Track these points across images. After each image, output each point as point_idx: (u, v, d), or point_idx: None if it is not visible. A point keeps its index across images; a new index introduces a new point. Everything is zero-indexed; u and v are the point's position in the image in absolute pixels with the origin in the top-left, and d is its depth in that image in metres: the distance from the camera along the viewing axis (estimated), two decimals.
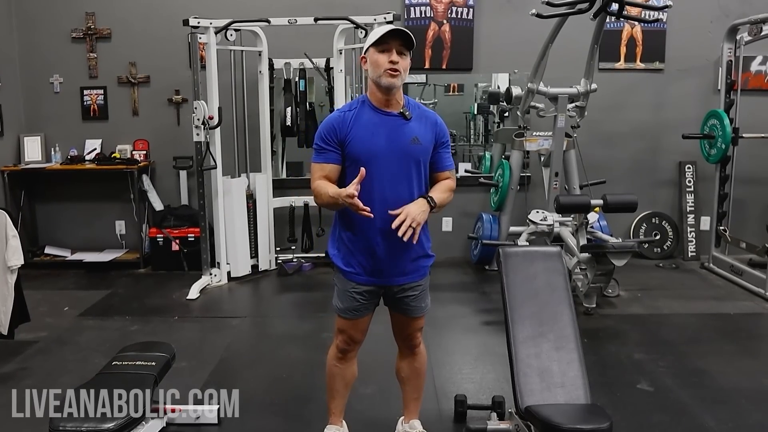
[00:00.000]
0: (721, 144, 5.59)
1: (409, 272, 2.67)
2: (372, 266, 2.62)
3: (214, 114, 5.32)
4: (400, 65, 2.49)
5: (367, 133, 2.54)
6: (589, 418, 2.53)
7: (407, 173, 2.56)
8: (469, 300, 5.22)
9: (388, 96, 2.55)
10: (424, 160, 2.61)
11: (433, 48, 6.08)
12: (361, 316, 2.73)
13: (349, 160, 2.55)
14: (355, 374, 2.92)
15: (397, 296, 2.70)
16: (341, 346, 2.81)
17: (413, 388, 2.97)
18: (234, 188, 5.65)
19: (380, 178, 2.52)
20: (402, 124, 2.57)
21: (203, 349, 4.24)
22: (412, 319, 2.78)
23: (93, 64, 6.17)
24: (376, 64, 2.50)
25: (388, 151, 2.53)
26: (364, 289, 2.66)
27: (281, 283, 5.73)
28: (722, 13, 6.03)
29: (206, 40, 5.30)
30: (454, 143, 6.31)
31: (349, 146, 2.53)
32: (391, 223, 2.45)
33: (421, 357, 2.92)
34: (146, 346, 3.28)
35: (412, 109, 2.61)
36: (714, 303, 5.12)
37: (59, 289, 5.55)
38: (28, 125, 6.24)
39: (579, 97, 5.36)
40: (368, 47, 2.55)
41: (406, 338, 2.86)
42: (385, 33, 2.48)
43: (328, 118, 2.62)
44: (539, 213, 5.33)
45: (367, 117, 2.56)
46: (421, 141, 2.58)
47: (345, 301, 2.70)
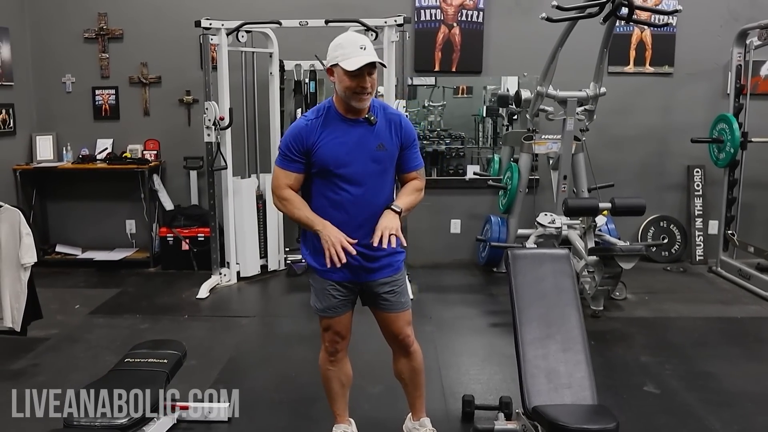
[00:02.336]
0: (730, 148, 5.59)
1: (383, 267, 2.73)
2: (346, 263, 2.60)
3: (225, 115, 5.36)
4: (370, 86, 2.54)
5: (335, 141, 2.58)
6: (596, 419, 2.55)
7: (374, 178, 2.64)
8: (477, 302, 5.24)
9: (355, 110, 2.61)
10: (390, 164, 2.69)
11: (443, 51, 6.10)
12: (342, 313, 2.78)
13: (316, 167, 2.60)
14: (349, 374, 2.96)
15: (375, 292, 2.75)
16: (329, 348, 2.85)
17: (415, 387, 3.00)
18: (244, 189, 5.69)
19: (348, 184, 2.60)
20: (368, 131, 2.62)
21: (213, 348, 4.27)
22: (395, 314, 2.81)
23: (105, 64, 6.23)
24: (344, 84, 2.52)
25: (355, 157, 2.59)
26: (339, 285, 2.72)
27: (290, 283, 5.77)
28: (732, 18, 6.03)
29: (218, 41, 5.33)
30: (463, 145, 6.34)
31: (316, 155, 2.58)
32: (363, 226, 2.59)
33: (417, 356, 2.94)
34: (158, 344, 3.32)
35: (376, 113, 2.65)
36: (721, 307, 5.13)
37: (70, 287, 5.60)
38: (40, 124, 6.30)
39: (588, 100, 5.37)
40: (336, 64, 2.53)
41: (396, 337, 2.87)
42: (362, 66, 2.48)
43: (294, 127, 2.66)
44: (548, 216, 5.34)
45: (334, 125, 2.61)
46: (387, 147, 2.64)
47: (323, 300, 2.76)
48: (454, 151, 6.34)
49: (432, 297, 5.25)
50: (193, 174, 6.24)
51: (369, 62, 2.48)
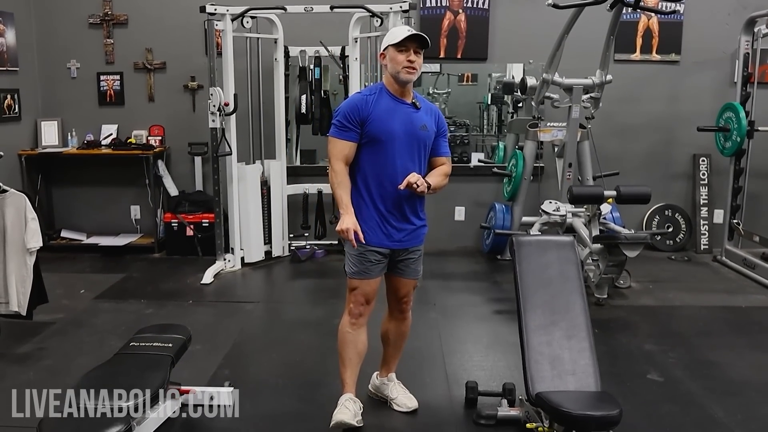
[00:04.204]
0: (736, 137, 5.57)
1: (414, 237, 3.04)
2: (385, 230, 2.96)
3: (230, 101, 5.36)
4: (416, 63, 2.89)
5: (386, 116, 2.92)
6: (599, 405, 2.57)
7: (417, 153, 2.97)
8: (481, 289, 5.24)
9: (403, 88, 2.96)
10: (428, 144, 3.02)
11: (448, 37, 6.08)
12: (373, 277, 3.00)
13: (367, 137, 2.92)
14: (365, 344, 3.09)
15: (401, 259, 3.04)
16: (354, 310, 3.02)
17: (396, 349, 3.28)
18: (248, 175, 5.69)
19: (394, 156, 2.91)
20: (413, 112, 2.98)
21: (217, 333, 4.28)
22: (409, 280, 3.11)
23: (110, 50, 6.22)
24: (395, 61, 2.88)
25: (402, 133, 2.93)
26: (377, 250, 2.95)
27: (294, 269, 5.78)
28: (740, 6, 5.99)
29: (222, 27, 5.32)
30: (467, 133, 6.34)
31: (369, 126, 2.90)
32: (401, 193, 2.90)
33: (408, 322, 3.25)
34: (163, 328, 3.33)
35: (420, 101, 3.03)
36: (726, 296, 5.12)
37: (75, 272, 5.62)
38: (45, 110, 6.30)
39: (594, 88, 5.35)
40: (387, 45, 2.91)
41: (401, 300, 3.15)
42: (405, 37, 2.85)
43: (351, 98, 3.02)
44: (552, 203, 5.34)
45: (386, 102, 2.95)
46: (428, 128, 3.00)
47: (359, 264, 2.97)
48: (458, 139, 6.33)
49: (436, 284, 5.25)
50: (197, 160, 6.24)
51: (413, 34, 2.86)
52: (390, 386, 3.29)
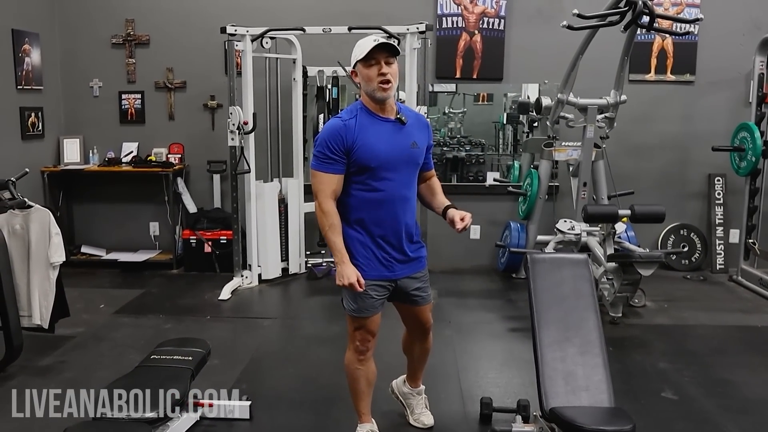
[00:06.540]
0: (752, 157, 5.58)
1: (417, 262, 2.89)
2: (383, 261, 2.80)
3: (249, 119, 5.45)
4: (390, 74, 2.64)
5: (373, 139, 2.69)
6: (613, 421, 2.58)
7: (408, 173, 2.80)
8: (496, 307, 5.26)
9: (383, 105, 2.72)
10: (420, 161, 2.84)
11: (464, 58, 6.15)
12: (376, 313, 2.85)
13: (355, 166, 2.69)
14: (375, 372, 3.02)
15: (407, 290, 2.88)
16: (360, 347, 2.89)
17: (421, 362, 3.22)
18: (266, 192, 5.77)
19: (386, 181, 2.71)
20: (400, 129, 2.75)
21: (235, 348, 4.34)
22: (424, 307, 2.99)
23: (131, 69, 6.34)
24: (367, 78, 2.65)
25: (393, 156, 2.72)
26: (378, 285, 2.80)
27: (310, 286, 5.83)
28: (754, 26, 6.02)
29: (242, 47, 5.42)
30: (483, 152, 6.38)
31: (356, 154, 2.67)
32: (397, 220, 2.76)
33: (430, 338, 3.17)
34: (183, 342, 3.39)
35: (405, 113, 2.78)
36: (741, 315, 5.11)
37: (95, 287, 5.70)
38: (67, 127, 6.43)
39: (608, 108, 5.38)
40: (356, 62, 2.68)
41: (423, 326, 3.06)
42: (371, 49, 2.61)
43: (331, 125, 2.72)
44: (567, 222, 5.36)
45: (368, 124, 2.70)
46: (419, 145, 2.80)
47: (360, 301, 2.79)
48: (474, 158, 6.38)
49: (452, 302, 5.29)
50: (216, 177, 6.33)
51: (379, 44, 2.60)
52: (417, 399, 3.29)
